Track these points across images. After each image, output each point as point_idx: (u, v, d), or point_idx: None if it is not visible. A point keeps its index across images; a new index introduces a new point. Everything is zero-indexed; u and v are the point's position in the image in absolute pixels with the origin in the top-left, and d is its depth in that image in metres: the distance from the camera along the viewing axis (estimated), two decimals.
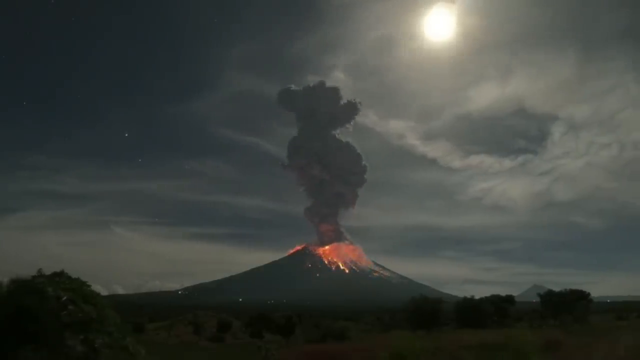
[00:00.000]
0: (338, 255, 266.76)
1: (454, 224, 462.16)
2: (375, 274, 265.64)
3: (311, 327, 35.26)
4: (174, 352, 22.37)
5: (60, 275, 7.31)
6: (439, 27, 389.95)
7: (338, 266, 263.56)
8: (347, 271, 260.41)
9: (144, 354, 7.40)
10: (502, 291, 48.86)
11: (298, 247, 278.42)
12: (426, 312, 29.13)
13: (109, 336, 6.96)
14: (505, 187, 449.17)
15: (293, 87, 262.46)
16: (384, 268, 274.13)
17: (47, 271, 7.33)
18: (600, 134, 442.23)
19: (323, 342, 23.97)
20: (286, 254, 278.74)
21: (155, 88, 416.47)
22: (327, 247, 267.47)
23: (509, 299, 39.93)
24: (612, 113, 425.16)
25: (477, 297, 35.04)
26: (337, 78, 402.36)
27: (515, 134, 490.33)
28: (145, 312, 67.65)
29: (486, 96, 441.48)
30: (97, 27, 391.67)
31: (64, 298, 6.82)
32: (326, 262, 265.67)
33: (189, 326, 43.24)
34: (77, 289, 7.16)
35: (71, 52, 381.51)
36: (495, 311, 33.52)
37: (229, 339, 36.88)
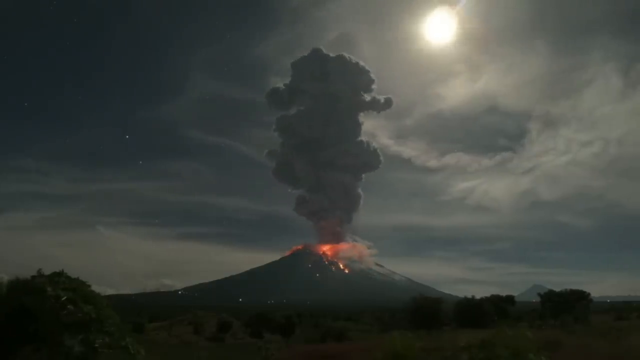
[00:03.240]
0: (338, 254, 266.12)
1: (441, 224, 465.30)
2: (376, 274, 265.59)
3: (311, 327, 35.33)
4: (174, 352, 22.34)
5: (59, 275, 7.30)
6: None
7: (338, 266, 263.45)
8: (347, 271, 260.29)
9: (144, 354, 7.39)
10: (496, 291, 49.12)
11: (298, 247, 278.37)
12: (427, 311, 29.11)
13: (108, 336, 6.95)
14: (488, 187, 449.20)
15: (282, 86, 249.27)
16: (384, 268, 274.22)
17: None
18: (581, 131, 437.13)
19: (323, 342, 24.01)
20: (285, 254, 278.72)
21: (127, 92, 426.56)
22: (327, 247, 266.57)
23: (509, 299, 39.98)
24: (591, 108, 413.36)
25: (471, 297, 35.05)
26: None
27: (491, 132, 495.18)
28: (145, 312, 67.61)
29: (456, 94, 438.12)
30: (75, 33, 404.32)
31: (64, 298, 6.81)
32: (326, 262, 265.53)
33: (189, 326, 43.22)
34: (77, 289, 7.15)
35: (46, 59, 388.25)
36: (495, 311, 33.53)
37: (229, 339, 36.84)
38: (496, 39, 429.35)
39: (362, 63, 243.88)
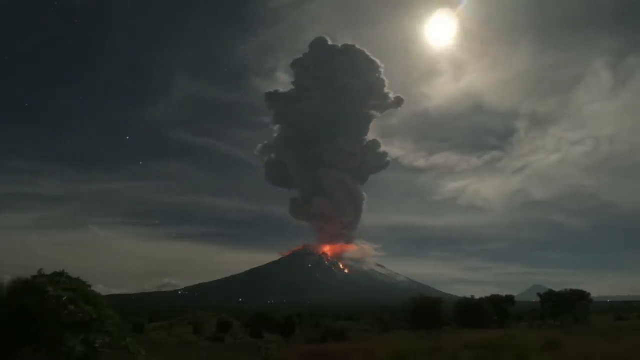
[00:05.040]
0: (343, 255, 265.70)
1: (434, 224, 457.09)
2: (377, 274, 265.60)
3: (311, 327, 35.32)
4: (174, 352, 22.35)
5: (60, 276, 7.31)
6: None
7: (338, 266, 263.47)
8: (347, 271, 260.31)
9: (144, 354, 7.39)
10: (494, 291, 49.14)
11: (298, 247, 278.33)
12: (427, 311, 29.14)
13: (109, 336, 6.96)
14: (478, 186, 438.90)
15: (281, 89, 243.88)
16: (385, 268, 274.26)
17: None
18: (570, 129, 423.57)
19: (323, 342, 24.01)
20: (285, 254, 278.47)
21: (116, 94, 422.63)
22: (331, 247, 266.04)
23: (509, 299, 40.00)
24: (580, 106, 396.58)
25: (471, 297, 35.09)
26: (281, 79, 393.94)
27: (478, 131, 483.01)
28: (145, 312, 67.66)
29: (440, 93, 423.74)
30: (65, 36, 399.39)
31: (64, 298, 6.82)
32: (326, 262, 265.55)
33: (189, 326, 43.25)
34: (78, 289, 7.16)
35: (38, 62, 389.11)
36: (495, 311, 33.55)
37: (229, 339, 36.86)
38: (479, 36, 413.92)
39: (371, 56, 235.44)
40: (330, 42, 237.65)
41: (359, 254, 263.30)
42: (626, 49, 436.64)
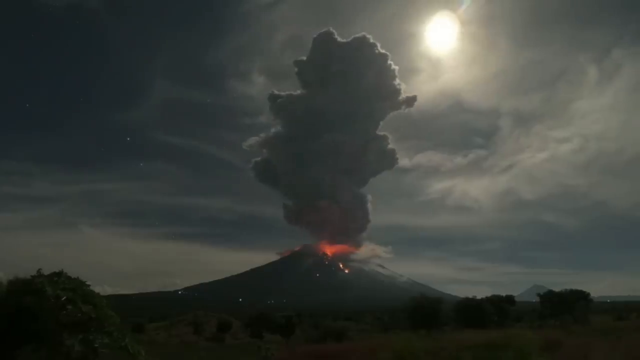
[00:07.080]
0: (342, 255, 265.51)
1: (426, 224, 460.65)
2: (376, 274, 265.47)
3: (311, 327, 35.25)
4: (174, 352, 22.34)
5: (59, 275, 7.29)
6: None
7: (338, 266, 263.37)
8: (347, 271, 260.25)
9: (144, 354, 7.38)
10: (490, 291, 49.26)
11: (298, 247, 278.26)
12: (427, 311, 29.10)
13: (108, 336, 6.95)
14: (466, 186, 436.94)
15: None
16: (385, 268, 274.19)
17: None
18: (556, 127, 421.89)
19: (323, 342, 23.96)
20: (285, 254, 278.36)
21: (100, 97, 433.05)
22: (332, 248, 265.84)
23: (509, 299, 39.94)
24: (565, 103, 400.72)
25: (472, 297, 35.03)
26: (257, 81, 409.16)
27: (462, 130, 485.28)
28: (145, 312, 67.66)
29: (420, 91, 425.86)
30: (56, 40, 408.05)
31: (63, 298, 6.81)
32: (326, 262, 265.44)
33: (189, 326, 43.30)
34: (77, 288, 7.14)
35: (28, 65, 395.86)
36: (495, 311, 33.49)
37: (229, 339, 36.87)
38: (459, 33, 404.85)
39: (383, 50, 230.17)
40: (338, 38, 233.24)
41: (368, 255, 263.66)
42: (611, 43, 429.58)
